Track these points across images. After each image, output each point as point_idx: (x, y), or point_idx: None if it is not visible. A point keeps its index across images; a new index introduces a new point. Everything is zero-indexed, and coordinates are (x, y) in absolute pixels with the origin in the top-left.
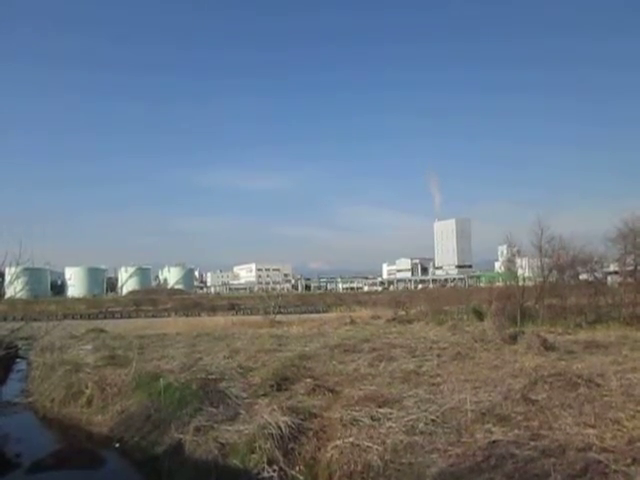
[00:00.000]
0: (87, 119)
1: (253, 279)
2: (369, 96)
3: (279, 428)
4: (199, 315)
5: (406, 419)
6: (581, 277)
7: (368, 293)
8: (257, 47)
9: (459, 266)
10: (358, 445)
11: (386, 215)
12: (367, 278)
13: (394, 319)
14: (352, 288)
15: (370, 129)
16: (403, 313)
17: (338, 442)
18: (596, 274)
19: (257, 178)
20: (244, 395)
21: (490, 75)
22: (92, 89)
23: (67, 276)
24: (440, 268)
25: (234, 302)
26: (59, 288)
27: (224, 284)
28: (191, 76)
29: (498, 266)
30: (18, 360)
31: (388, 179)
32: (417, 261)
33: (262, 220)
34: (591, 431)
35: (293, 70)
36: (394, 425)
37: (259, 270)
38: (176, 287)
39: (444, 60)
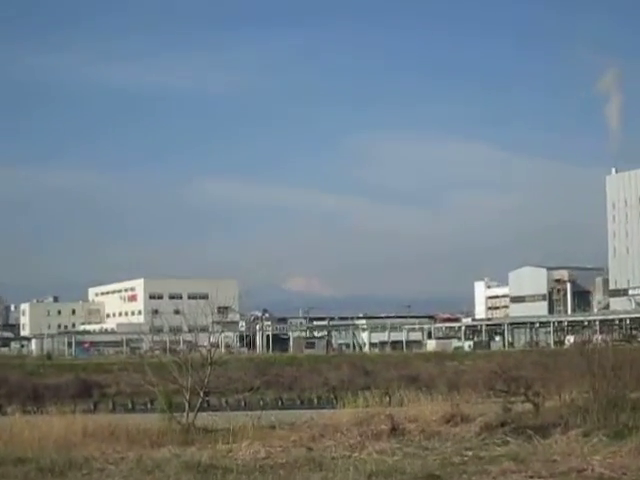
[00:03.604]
0: None
1: (139, 319)
2: None
3: None
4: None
5: None
6: None
7: (436, 356)
8: None
9: None
10: None
11: (476, 154)
12: (433, 318)
13: (502, 424)
14: (395, 343)
15: None
16: (526, 405)
17: None
18: None
19: (161, 70)
20: None
21: None
22: None
23: None
24: (622, 293)
25: (91, 379)
26: None
27: (65, 333)
28: None
29: None
30: None
31: (476, 74)
32: (564, 276)
33: (168, 168)
34: None
35: None
36: None
37: (155, 297)
38: None
39: None
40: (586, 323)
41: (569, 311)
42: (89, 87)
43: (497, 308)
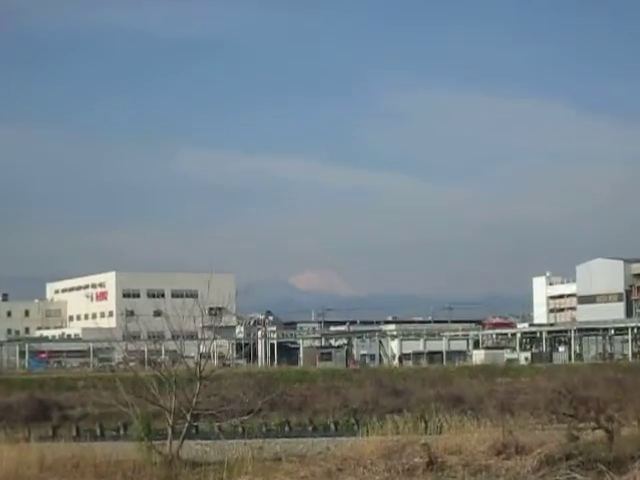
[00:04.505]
0: None
1: (110, 323)
2: None
3: None
4: None
5: None
6: None
7: (484, 370)
8: None
9: None
10: None
11: (530, 114)
12: (481, 323)
13: (567, 457)
14: (433, 354)
15: None
16: (598, 432)
17: None
18: None
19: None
20: None
21: None
22: None
23: None
24: None
25: (49, 398)
26: None
27: (17, 340)
28: None
29: None
30: None
31: None
32: None
33: (150, 134)
34: None
35: None
36: None
37: (130, 295)
38: None
39: None
40: None
41: None
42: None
43: (561, 310)
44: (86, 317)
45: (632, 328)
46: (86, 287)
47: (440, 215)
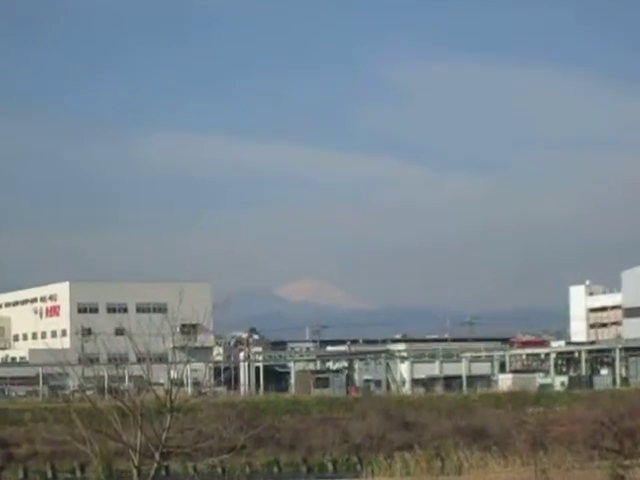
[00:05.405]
0: None
1: (63, 343)
2: None
3: None
4: None
5: None
6: None
7: (512, 398)
8: None
9: None
10: None
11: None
12: (508, 342)
13: None
14: (451, 379)
15: None
16: None
17: None
18: None
19: None
20: None
21: None
22: None
23: None
24: None
25: None
26: None
27: None
28: None
29: None
30: None
31: None
32: None
33: (112, 109)
34: None
35: None
36: None
37: (86, 310)
38: None
39: None
40: None
41: None
42: None
43: (604, 326)
44: (34, 336)
45: None
46: (34, 300)
47: (444, 211)
